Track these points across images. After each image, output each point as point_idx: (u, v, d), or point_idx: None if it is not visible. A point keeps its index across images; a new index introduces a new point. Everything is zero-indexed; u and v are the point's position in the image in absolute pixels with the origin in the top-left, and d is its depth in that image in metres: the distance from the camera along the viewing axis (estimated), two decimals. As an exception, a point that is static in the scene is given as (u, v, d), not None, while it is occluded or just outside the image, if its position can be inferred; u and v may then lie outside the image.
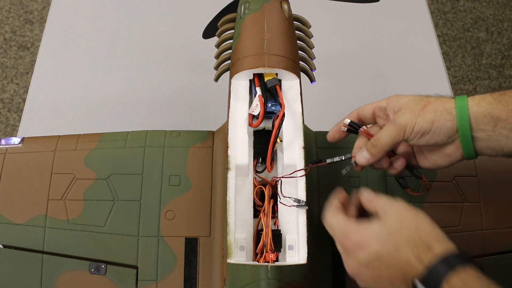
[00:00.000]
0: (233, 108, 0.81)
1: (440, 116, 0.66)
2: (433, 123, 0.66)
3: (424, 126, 0.66)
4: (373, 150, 0.70)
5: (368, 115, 0.73)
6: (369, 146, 0.70)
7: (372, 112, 0.73)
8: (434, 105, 0.67)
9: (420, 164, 0.73)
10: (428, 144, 0.67)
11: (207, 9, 1.05)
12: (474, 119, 0.65)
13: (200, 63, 1.29)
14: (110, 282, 0.79)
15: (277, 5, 0.88)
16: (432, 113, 0.66)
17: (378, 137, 0.70)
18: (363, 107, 0.74)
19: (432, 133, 0.66)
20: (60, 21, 1.39)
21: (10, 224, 0.81)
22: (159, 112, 1.22)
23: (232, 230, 0.73)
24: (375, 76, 1.31)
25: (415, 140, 0.67)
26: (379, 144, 0.69)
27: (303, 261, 0.71)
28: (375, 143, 0.70)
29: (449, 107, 0.66)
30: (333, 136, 0.76)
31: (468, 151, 0.67)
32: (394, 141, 0.68)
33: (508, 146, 0.65)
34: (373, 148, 0.70)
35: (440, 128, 0.66)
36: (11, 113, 2.12)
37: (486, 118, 0.65)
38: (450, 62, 2.35)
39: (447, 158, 0.69)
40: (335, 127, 0.75)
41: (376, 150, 0.70)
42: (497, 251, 0.83)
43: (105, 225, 0.81)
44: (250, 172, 0.79)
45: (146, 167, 0.84)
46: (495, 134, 0.65)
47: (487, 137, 0.66)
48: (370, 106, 0.73)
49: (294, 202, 0.74)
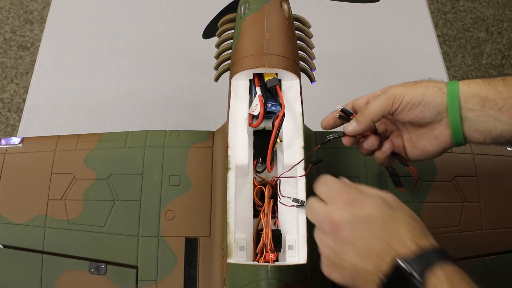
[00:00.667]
0: (233, 108, 0.81)
1: (431, 91, 0.67)
2: (424, 96, 0.67)
3: (415, 97, 0.67)
4: (360, 118, 0.71)
5: (362, 104, 0.74)
6: (358, 114, 0.72)
7: (366, 101, 0.73)
8: (426, 82, 0.69)
9: (410, 155, 0.73)
10: (416, 118, 0.68)
11: (207, 9, 1.05)
12: (463, 97, 0.66)
13: (200, 63, 1.29)
14: (110, 282, 0.79)
15: (277, 5, 0.88)
16: (423, 87, 0.68)
17: (367, 106, 0.71)
18: (359, 98, 0.75)
19: (422, 106, 0.67)
20: (60, 21, 1.39)
21: (10, 224, 0.81)
22: (159, 112, 1.22)
23: (232, 230, 0.73)
24: (375, 76, 1.31)
25: (403, 114, 0.68)
26: (367, 111, 0.70)
27: (303, 261, 0.71)
28: (363, 111, 0.71)
29: (441, 85, 0.68)
30: (327, 123, 0.77)
31: (456, 131, 0.67)
32: (382, 110, 0.69)
33: (496, 129, 0.66)
34: (360, 116, 0.71)
35: (429, 102, 0.67)
36: (11, 113, 2.12)
37: (475, 97, 0.66)
38: (450, 62, 2.35)
39: (435, 142, 0.69)
40: (329, 114, 0.76)
41: (363, 118, 0.70)
42: (497, 251, 0.83)
43: (105, 225, 0.81)
44: (250, 172, 0.79)
45: (146, 167, 0.84)
46: (483, 114, 0.66)
47: (475, 118, 0.66)
48: (365, 97, 0.74)
49: (293, 202, 0.74)
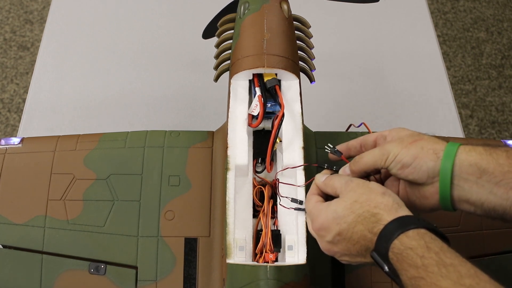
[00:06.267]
0: (232, 108, 0.81)
1: (425, 154, 0.66)
2: (416, 159, 0.66)
3: (406, 158, 0.66)
4: (353, 166, 0.71)
5: (370, 142, 0.74)
6: (351, 162, 0.72)
7: (374, 139, 0.73)
8: (424, 142, 0.67)
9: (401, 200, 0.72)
10: (407, 178, 0.67)
11: (207, 9, 1.05)
12: (459, 166, 0.64)
13: (200, 63, 1.29)
14: (109, 282, 0.79)
15: (277, 5, 0.88)
16: (418, 149, 0.66)
17: (362, 155, 0.70)
18: (368, 135, 0.74)
19: (412, 168, 0.66)
20: (60, 21, 1.39)
21: (9, 224, 0.81)
22: (159, 112, 1.22)
23: (231, 230, 0.73)
24: (375, 76, 1.31)
25: (395, 170, 0.67)
26: (361, 161, 0.70)
27: (303, 261, 0.71)
28: (358, 160, 0.71)
29: (437, 148, 0.66)
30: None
31: (445, 198, 0.66)
32: (375, 164, 0.69)
33: (489, 202, 0.64)
34: (354, 164, 0.71)
35: (421, 165, 0.66)
36: (11, 113, 2.12)
37: (472, 168, 0.64)
38: (450, 62, 2.35)
39: (424, 201, 0.68)
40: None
41: (356, 167, 0.71)
42: (496, 251, 0.83)
43: (105, 225, 0.81)
44: (249, 172, 0.79)
45: (145, 167, 0.84)
46: (477, 186, 0.64)
47: (468, 188, 0.64)
48: (374, 135, 0.74)
49: (292, 203, 0.74)
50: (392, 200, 0.64)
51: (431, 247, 0.58)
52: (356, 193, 0.66)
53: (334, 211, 0.66)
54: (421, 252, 0.57)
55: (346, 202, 0.65)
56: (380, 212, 0.63)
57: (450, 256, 0.57)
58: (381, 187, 0.66)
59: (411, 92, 1.29)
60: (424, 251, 0.57)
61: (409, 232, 0.60)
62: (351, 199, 0.65)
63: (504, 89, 2.30)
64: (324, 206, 0.67)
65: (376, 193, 0.65)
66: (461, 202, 0.66)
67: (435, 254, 0.57)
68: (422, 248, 0.58)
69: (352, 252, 0.65)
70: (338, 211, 0.65)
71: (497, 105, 2.25)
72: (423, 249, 0.58)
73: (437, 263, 0.56)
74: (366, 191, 0.65)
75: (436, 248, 0.58)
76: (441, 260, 0.56)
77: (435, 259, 0.57)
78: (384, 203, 0.64)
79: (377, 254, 0.62)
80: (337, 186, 0.68)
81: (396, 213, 0.62)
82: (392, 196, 0.65)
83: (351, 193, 0.66)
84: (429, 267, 0.56)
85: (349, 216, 0.64)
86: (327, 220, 0.66)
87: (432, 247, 0.58)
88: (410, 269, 0.58)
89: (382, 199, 0.64)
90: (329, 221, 0.66)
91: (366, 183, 0.67)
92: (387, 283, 0.79)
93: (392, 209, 0.63)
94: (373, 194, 0.65)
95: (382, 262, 0.61)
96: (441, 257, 0.57)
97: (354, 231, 0.64)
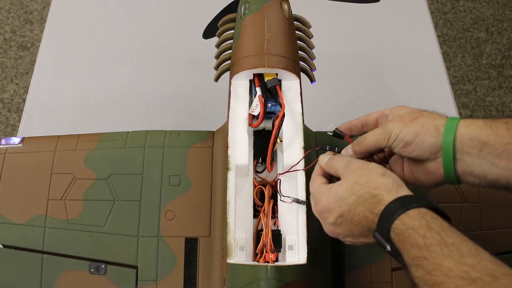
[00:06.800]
0: (233, 108, 0.81)
1: (426, 130, 0.66)
2: (417, 136, 0.66)
3: (408, 136, 0.67)
4: (356, 147, 0.72)
5: (371, 121, 0.74)
6: (354, 143, 0.72)
7: (375, 118, 0.74)
8: (424, 119, 0.67)
9: (406, 177, 0.72)
10: (410, 155, 0.68)
11: (207, 9, 1.05)
12: (460, 140, 0.65)
13: (200, 63, 1.29)
14: (110, 282, 0.79)
15: (277, 5, 0.88)
16: (419, 126, 0.67)
17: (364, 136, 0.71)
18: (370, 114, 0.75)
19: (414, 145, 0.67)
20: (60, 21, 1.39)
21: (10, 224, 0.81)
22: (159, 112, 1.22)
23: (232, 230, 0.73)
24: (375, 76, 1.31)
25: (398, 149, 0.68)
26: (364, 142, 0.71)
27: (303, 261, 0.71)
28: (360, 141, 0.71)
29: (438, 124, 0.66)
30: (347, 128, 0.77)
31: (449, 172, 0.67)
32: (377, 144, 0.69)
33: (492, 173, 0.64)
34: (357, 145, 0.72)
35: (422, 141, 0.66)
36: (11, 113, 2.12)
37: (473, 141, 0.64)
38: (450, 62, 2.35)
39: (428, 176, 0.69)
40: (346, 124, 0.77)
41: (359, 148, 0.71)
42: (497, 251, 0.82)
43: (105, 225, 0.81)
44: (250, 172, 0.79)
45: (146, 167, 0.84)
46: (479, 159, 0.64)
47: (471, 161, 0.65)
48: (375, 113, 0.74)
49: (292, 197, 0.75)
50: (392, 180, 0.65)
51: (433, 226, 0.58)
52: (356, 175, 0.66)
53: (335, 193, 0.66)
54: (422, 232, 0.58)
55: (347, 184, 0.66)
56: (380, 193, 0.63)
57: (451, 235, 0.57)
58: (381, 168, 0.66)
59: (411, 92, 1.29)
60: (426, 231, 0.58)
61: (409, 212, 0.60)
62: (351, 180, 0.66)
63: (504, 89, 2.30)
64: (326, 189, 0.68)
65: (376, 174, 0.65)
66: (465, 175, 0.66)
67: (437, 234, 0.57)
68: (423, 228, 0.58)
69: (354, 233, 0.66)
70: (339, 193, 0.66)
71: (497, 105, 2.25)
72: (424, 229, 0.58)
73: (438, 242, 0.57)
74: (366, 172, 0.66)
75: (437, 227, 0.58)
76: (443, 240, 0.57)
77: (436, 239, 0.57)
78: (384, 184, 0.64)
79: (379, 234, 0.62)
80: (338, 168, 0.69)
81: (397, 193, 0.63)
82: (392, 177, 0.65)
83: (351, 175, 0.67)
84: (431, 247, 0.57)
85: (350, 197, 0.65)
86: (329, 202, 0.67)
87: (434, 227, 0.58)
88: (412, 249, 0.58)
89: (382, 179, 0.65)
90: (331, 203, 0.66)
91: (366, 164, 0.67)
92: (387, 283, 0.79)
93: (392, 189, 0.63)
94: (373, 175, 0.65)
95: (384, 242, 0.62)
96: (443, 236, 0.57)
97: (356, 212, 0.64)
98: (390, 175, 0.66)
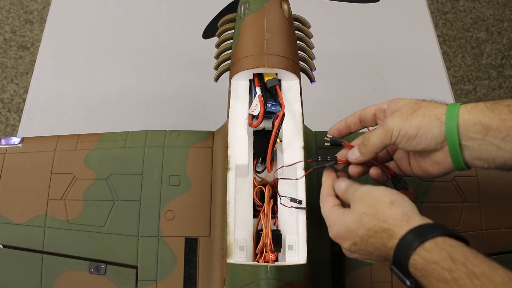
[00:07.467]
0: (233, 108, 0.81)
1: (428, 122, 0.65)
2: (420, 129, 0.65)
3: (410, 130, 0.65)
4: (363, 149, 0.71)
5: (369, 116, 0.73)
6: (360, 145, 0.71)
7: (373, 113, 0.73)
8: (424, 110, 0.66)
9: (413, 171, 0.72)
10: (416, 149, 0.67)
11: (207, 9, 1.05)
12: (464, 126, 0.64)
13: (200, 63, 1.29)
14: (110, 282, 0.79)
15: (277, 5, 0.88)
16: (420, 118, 0.65)
17: (368, 137, 0.70)
18: (366, 109, 0.74)
19: (418, 138, 0.65)
20: (60, 21, 1.39)
21: (10, 224, 0.81)
22: (159, 112, 1.22)
23: (231, 230, 0.73)
24: (375, 76, 1.31)
25: (402, 144, 0.67)
26: (368, 144, 0.70)
27: (303, 261, 0.71)
28: (365, 143, 0.70)
29: (439, 113, 0.65)
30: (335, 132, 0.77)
31: (457, 160, 0.65)
32: (382, 143, 0.68)
33: (500, 157, 0.63)
34: (363, 147, 0.71)
35: (426, 134, 0.65)
36: (11, 113, 2.12)
37: (477, 126, 0.63)
38: (450, 62, 2.35)
39: (436, 166, 0.68)
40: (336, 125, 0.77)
41: (365, 150, 0.70)
42: (497, 251, 0.82)
43: (105, 225, 0.81)
44: (250, 172, 0.79)
45: (146, 167, 0.84)
46: (485, 143, 0.63)
47: (478, 147, 0.64)
48: (372, 108, 0.73)
49: (292, 202, 0.74)
50: (401, 211, 0.62)
51: (455, 257, 0.56)
52: (363, 204, 0.65)
53: (345, 224, 0.65)
54: (447, 265, 0.56)
55: (356, 215, 0.65)
56: (390, 228, 0.62)
57: (477, 263, 0.55)
58: (388, 195, 0.65)
59: (411, 92, 1.28)
60: (450, 264, 0.56)
61: (426, 244, 0.58)
62: (359, 211, 0.65)
63: (504, 89, 2.30)
64: (338, 215, 0.67)
65: (384, 204, 0.63)
66: (473, 160, 0.65)
67: (463, 265, 0.55)
68: (446, 261, 0.56)
69: (372, 259, 0.65)
70: (349, 224, 0.65)
71: (497, 105, 2.25)
72: (448, 262, 0.56)
73: (467, 275, 0.55)
74: (373, 201, 0.64)
75: (460, 258, 0.56)
76: (471, 271, 0.55)
77: (463, 271, 0.55)
78: (392, 216, 0.62)
79: (396, 268, 0.60)
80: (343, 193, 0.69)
81: (408, 224, 0.61)
82: (402, 205, 0.63)
83: (359, 204, 0.65)
84: (460, 280, 0.55)
85: (360, 229, 0.64)
86: (340, 231, 0.66)
87: (457, 258, 0.56)
88: (439, 284, 0.56)
89: (390, 210, 0.63)
90: (343, 232, 0.66)
91: (373, 191, 0.65)
92: (387, 283, 0.79)
93: (402, 221, 0.61)
94: (380, 205, 0.63)
95: (404, 278, 0.60)
96: (469, 267, 0.55)
97: (368, 243, 0.63)
98: (399, 203, 0.63)
